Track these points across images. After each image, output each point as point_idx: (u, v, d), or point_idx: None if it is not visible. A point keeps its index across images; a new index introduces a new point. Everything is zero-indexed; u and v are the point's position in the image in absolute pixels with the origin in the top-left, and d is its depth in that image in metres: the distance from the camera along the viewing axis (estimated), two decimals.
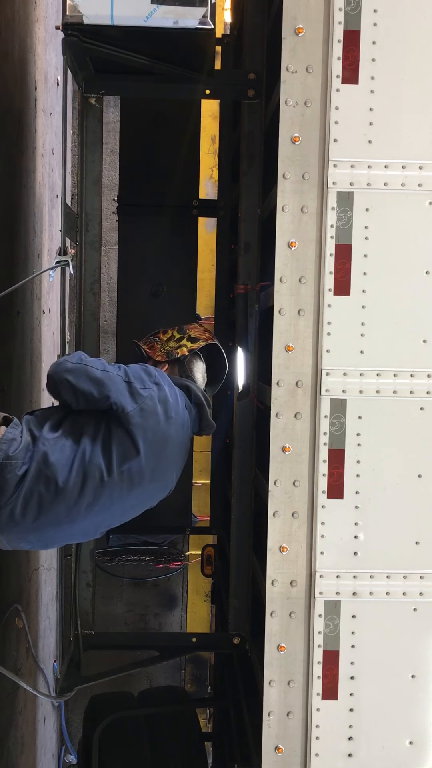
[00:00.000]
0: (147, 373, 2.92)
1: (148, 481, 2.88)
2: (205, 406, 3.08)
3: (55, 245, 5.79)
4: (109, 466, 2.77)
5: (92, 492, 2.76)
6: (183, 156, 4.45)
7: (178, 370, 3.17)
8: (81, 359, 2.90)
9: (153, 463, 2.86)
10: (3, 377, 4.29)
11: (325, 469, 2.97)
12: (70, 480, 2.72)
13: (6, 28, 4.28)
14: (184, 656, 7.25)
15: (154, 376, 2.91)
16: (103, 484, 2.77)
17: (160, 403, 2.86)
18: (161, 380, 2.92)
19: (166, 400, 2.89)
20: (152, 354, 3.19)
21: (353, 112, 2.91)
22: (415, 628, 3.02)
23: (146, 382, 2.87)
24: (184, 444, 3.05)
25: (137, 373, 2.90)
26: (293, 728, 3.03)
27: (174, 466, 3.03)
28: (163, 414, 2.86)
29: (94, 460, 2.75)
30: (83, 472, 2.74)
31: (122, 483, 2.81)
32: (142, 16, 3.05)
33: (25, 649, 5.03)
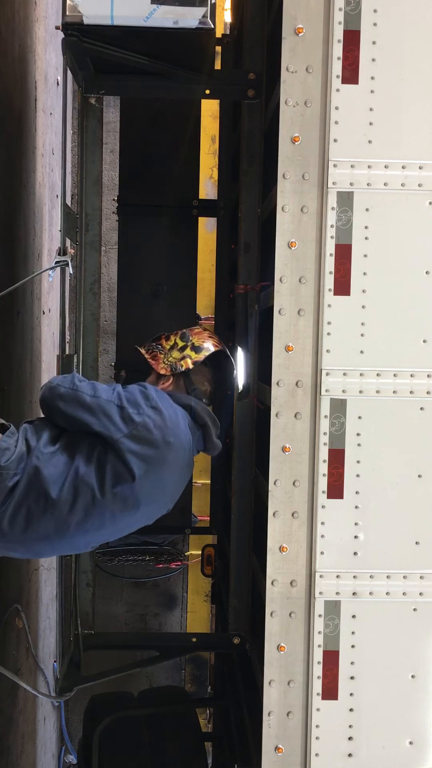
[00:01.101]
0: (144, 397, 2.79)
1: (144, 504, 2.79)
2: (209, 427, 2.95)
3: (55, 245, 5.79)
4: (102, 486, 2.68)
5: (82, 510, 2.67)
6: (183, 156, 4.45)
7: (183, 383, 3.04)
8: (74, 384, 2.79)
9: (149, 487, 2.76)
10: (3, 377, 4.29)
11: (325, 469, 2.97)
12: (61, 496, 2.64)
13: (6, 28, 4.28)
14: (184, 656, 7.25)
15: (152, 400, 2.78)
16: (95, 504, 2.68)
17: (156, 428, 2.74)
18: (159, 403, 2.79)
19: (164, 426, 2.76)
20: (155, 365, 3.06)
21: (353, 112, 2.91)
22: (415, 628, 3.02)
23: (141, 407, 2.75)
24: (186, 466, 2.93)
25: (133, 397, 2.78)
26: (293, 728, 3.03)
27: (173, 489, 2.93)
28: (161, 440, 2.74)
29: (86, 479, 2.66)
30: (74, 489, 2.66)
31: (115, 504, 2.72)
32: (142, 16, 3.05)
33: (25, 649, 5.03)
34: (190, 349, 3.05)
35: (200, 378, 3.06)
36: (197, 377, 3.05)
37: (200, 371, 3.06)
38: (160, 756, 4.12)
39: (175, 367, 3.02)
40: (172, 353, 3.06)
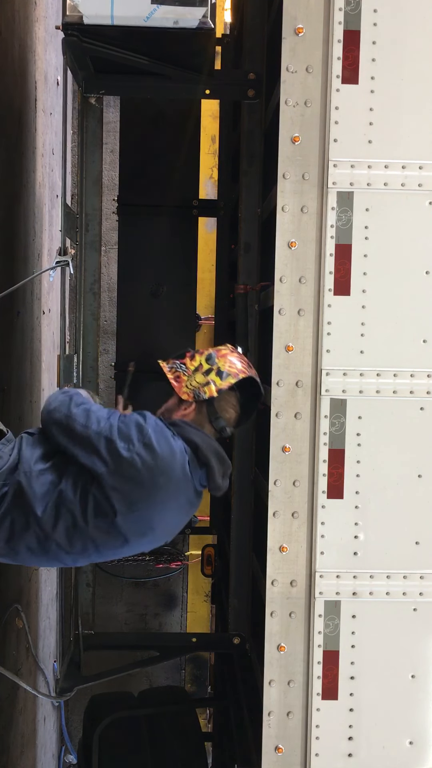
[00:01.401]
0: (139, 431, 2.60)
1: (132, 539, 2.65)
2: (212, 467, 2.70)
3: (55, 245, 5.79)
4: (84, 514, 2.57)
5: (64, 534, 2.58)
6: (183, 156, 4.45)
7: (206, 411, 2.79)
8: (69, 411, 2.65)
9: (133, 524, 2.61)
10: (3, 377, 4.29)
11: (325, 469, 2.97)
12: (45, 515, 2.56)
13: (6, 28, 4.28)
14: (184, 656, 7.25)
15: (146, 435, 2.59)
16: (77, 530, 2.59)
17: (144, 468, 2.56)
18: (154, 439, 2.59)
19: (154, 465, 2.57)
20: (178, 388, 2.82)
21: (353, 112, 2.91)
22: (415, 628, 3.02)
23: (133, 443, 2.57)
24: (184, 505, 2.73)
25: (126, 430, 2.60)
26: (293, 728, 3.03)
27: (165, 527, 2.74)
28: (148, 479, 2.57)
29: (69, 505, 2.57)
30: (57, 511, 2.58)
31: (97, 534, 2.61)
32: (142, 16, 3.05)
33: (25, 649, 5.03)
34: (215, 374, 2.78)
35: (224, 405, 2.80)
36: (221, 404, 2.79)
37: (225, 398, 2.80)
38: (160, 756, 4.12)
39: (199, 394, 2.77)
40: (195, 376, 2.80)
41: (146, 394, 3.37)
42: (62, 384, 3.51)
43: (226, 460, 2.75)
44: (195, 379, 2.80)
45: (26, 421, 4.90)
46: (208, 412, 2.78)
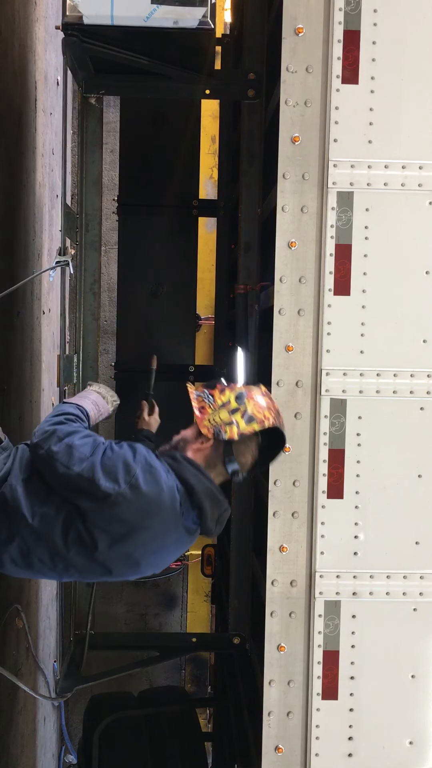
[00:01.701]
0: (126, 470, 2.48)
1: (113, 569, 2.57)
2: (205, 511, 2.57)
3: (55, 245, 5.79)
4: (65, 542, 2.51)
5: (47, 553, 2.53)
6: (183, 156, 4.44)
7: (222, 451, 2.63)
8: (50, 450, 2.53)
9: (116, 559, 2.54)
10: (3, 377, 4.29)
11: (325, 469, 2.97)
12: (27, 531, 2.51)
13: (6, 28, 4.28)
14: (184, 656, 7.25)
15: (133, 475, 2.47)
16: (59, 555, 2.52)
17: (127, 508, 2.46)
18: (141, 480, 2.48)
19: (138, 507, 2.47)
20: (199, 420, 2.66)
21: (353, 112, 2.91)
22: (415, 628, 3.02)
23: (118, 482, 2.46)
24: (171, 546, 2.62)
25: (112, 466, 2.48)
26: (293, 728, 3.03)
27: (152, 563, 2.63)
28: (132, 520, 2.47)
29: (51, 529, 2.50)
30: (38, 532, 2.52)
31: (79, 561, 2.54)
32: (142, 16, 3.05)
33: (25, 649, 5.03)
34: (241, 416, 2.60)
35: (243, 449, 2.64)
36: (240, 448, 2.63)
37: (245, 442, 2.64)
38: (160, 756, 4.12)
39: (219, 432, 2.60)
40: (220, 412, 2.63)
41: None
42: (62, 384, 3.50)
43: (222, 505, 2.61)
44: (219, 415, 2.63)
45: (26, 421, 4.90)
46: (225, 452, 2.62)
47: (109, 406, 3.09)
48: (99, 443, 2.56)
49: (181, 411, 4.40)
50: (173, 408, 4.18)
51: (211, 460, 2.62)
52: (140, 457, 2.53)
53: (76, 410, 2.80)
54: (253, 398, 2.64)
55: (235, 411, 2.61)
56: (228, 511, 2.64)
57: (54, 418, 2.69)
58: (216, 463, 2.62)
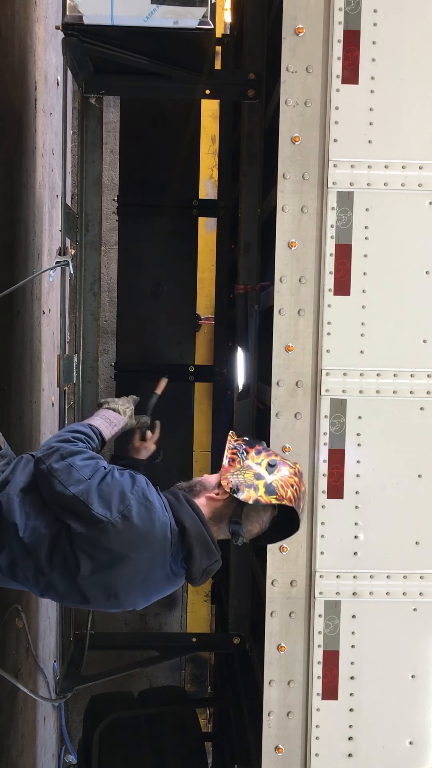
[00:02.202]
0: (121, 499, 2.46)
1: (91, 598, 2.53)
2: (193, 557, 2.52)
3: (55, 245, 5.79)
4: (50, 561, 2.49)
5: (32, 571, 2.51)
6: (183, 156, 4.44)
7: (233, 509, 2.59)
8: (51, 467, 2.50)
9: (96, 588, 2.51)
10: (3, 377, 4.29)
11: (325, 469, 2.97)
12: (16, 543, 2.49)
13: (6, 28, 4.28)
14: (184, 656, 7.25)
15: (127, 506, 2.45)
16: (42, 574, 2.51)
17: (117, 538, 2.43)
18: (134, 512, 2.45)
19: (126, 538, 2.44)
20: (224, 471, 2.63)
21: (353, 112, 2.91)
22: (415, 628, 3.02)
23: (111, 510, 2.43)
24: (153, 584, 2.57)
25: (108, 495, 2.46)
26: (293, 728, 3.03)
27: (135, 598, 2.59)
28: (119, 550, 2.44)
29: (38, 545, 2.48)
30: (26, 546, 2.50)
31: (59, 583, 2.51)
32: (142, 16, 3.05)
33: (25, 649, 5.03)
34: (264, 485, 2.56)
35: (253, 516, 2.59)
36: (250, 513, 2.58)
37: (258, 511, 2.59)
38: (160, 756, 4.12)
39: (237, 490, 2.55)
40: (246, 472, 2.59)
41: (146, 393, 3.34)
42: (62, 384, 3.50)
43: (213, 556, 2.53)
44: (245, 474, 2.58)
45: (26, 421, 4.90)
46: (235, 511, 2.57)
47: (125, 416, 3.04)
48: (100, 467, 2.54)
49: (180, 411, 4.41)
50: (173, 408, 4.19)
51: (219, 515, 2.59)
52: (138, 488, 2.51)
53: (86, 429, 2.76)
54: (282, 472, 2.58)
55: (260, 477, 2.56)
56: (218, 565, 2.57)
57: (61, 435, 2.66)
58: (222, 519, 2.59)
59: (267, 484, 2.54)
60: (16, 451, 2.85)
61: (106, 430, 2.88)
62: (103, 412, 2.99)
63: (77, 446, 2.61)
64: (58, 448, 2.56)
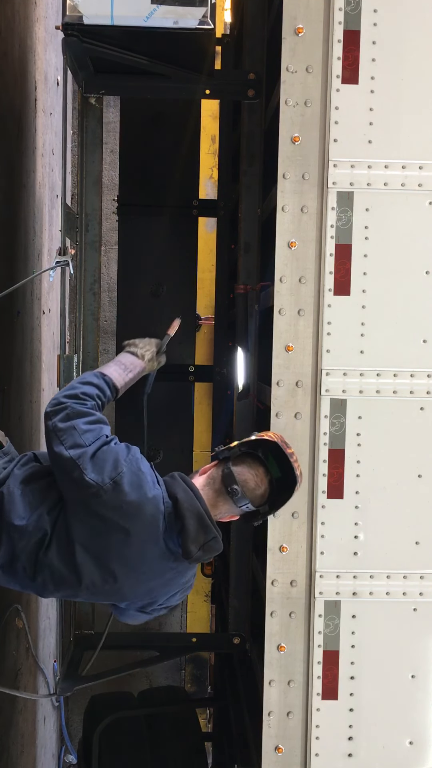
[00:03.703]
0: (114, 466, 2.46)
1: (84, 578, 2.51)
2: (186, 529, 2.45)
3: (55, 245, 5.79)
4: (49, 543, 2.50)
5: (33, 560, 2.51)
6: (183, 156, 4.44)
7: (224, 469, 2.58)
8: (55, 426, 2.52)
9: (91, 566, 2.50)
10: (3, 377, 4.29)
11: (325, 469, 2.97)
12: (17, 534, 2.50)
13: (6, 28, 4.28)
14: (184, 656, 7.25)
15: (119, 473, 2.45)
16: (37, 559, 2.51)
17: (105, 504, 2.43)
18: (125, 480, 2.44)
19: (118, 506, 2.43)
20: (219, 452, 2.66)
21: (353, 112, 2.91)
22: (415, 628, 3.02)
23: (103, 477, 2.43)
24: (152, 562, 2.52)
25: (103, 460, 2.46)
26: (293, 728, 3.03)
27: (135, 579, 2.55)
28: (112, 518, 2.44)
29: (39, 532, 2.50)
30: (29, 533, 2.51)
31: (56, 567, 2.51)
32: (142, 16, 3.05)
33: (25, 649, 5.03)
34: (246, 438, 2.63)
35: (246, 470, 2.58)
36: (243, 468, 2.59)
37: (249, 464, 2.60)
38: (160, 756, 4.12)
39: (222, 448, 2.62)
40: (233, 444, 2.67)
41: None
42: (62, 384, 3.50)
43: (209, 531, 2.47)
44: (235, 444, 2.64)
45: (26, 421, 4.90)
46: (225, 470, 2.57)
47: (142, 360, 3.03)
48: (102, 435, 2.55)
49: (180, 411, 4.41)
50: (173, 408, 4.19)
51: (213, 479, 2.59)
52: (132, 458, 2.52)
53: (98, 380, 2.74)
54: (270, 433, 2.66)
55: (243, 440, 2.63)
56: (217, 542, 2.51)
57: (73, 389, 2.66)
58: (216, 482, 2.58)
59: (248, 437, 2.65)
60: (17, 451, 2.86)
61: (120, 378, 2.87)
62: (121, 357, 3.00)
63: (86, 406, 2.61)
64: (66, 407, 2.57)
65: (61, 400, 2.62)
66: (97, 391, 2.71)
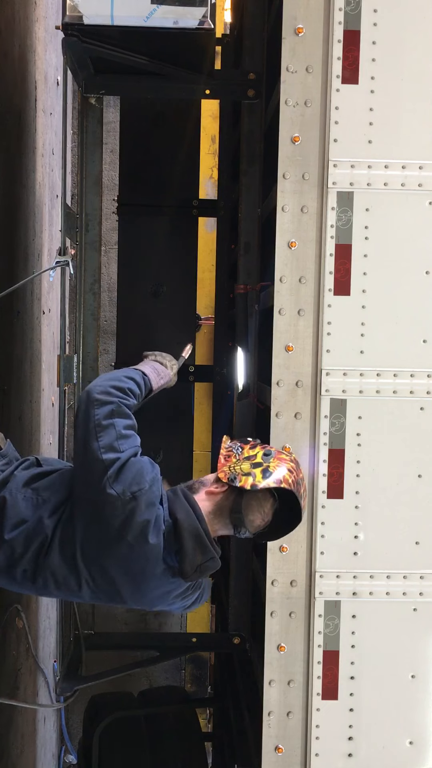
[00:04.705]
0: (137, 480, 2.46)
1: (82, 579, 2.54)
2: (186, 549, 2.46)
3: (55, 245, 5.79)
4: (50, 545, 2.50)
5: (32, 561, 2.52)
6: (183, 156, 4.44)
7: (233, 501, 2.55)
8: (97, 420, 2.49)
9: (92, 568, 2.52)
10: (3, 377, 4.29)
11: (325, 469, 2.97)
12: (15, 539, 2.50)
13: (6, 28, 4.28)
14: (184, 656, 7.25)
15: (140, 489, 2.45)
16: (38, 562, 2.51)
17: (120, 515, 2.44)
18: (143, 497, 2.45)
19: (128, 518, 2.44)
20: (220, 467, 2.62)
21: (353, 112, 2.91)
22: (415, 628, 3.02)
23: (126, 486, 2.44)
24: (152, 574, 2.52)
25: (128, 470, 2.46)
26: (293, 728, 3.03)
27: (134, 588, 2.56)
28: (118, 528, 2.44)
29: (41, 534, 2.50)
30: (27, 539, 2.51)
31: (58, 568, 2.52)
32: (142, 16, 3.05)
33: (25, 649, 5.03)
34: (261, 471, 2.52)
35: (254, 505, 2.54)
36: (250, 503, 2.54)
37: (258, 498, 2.55)
38: (160, 756, 4.12)
39: (234, 479, 2.53)
40: (243, 464, 2.57)
41: None
42: (62, 384, 3.50)
43: (207, 552, 2.48)
44: (241, 465, 2.57)
45: (26, 421, 4.90)
46: (234, 503, 2.54)
47: (170, 370, 3.04)
48: (135, 445, 2.54)
49: (180, 411, 4.41)
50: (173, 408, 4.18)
51: (220, 507, 2.56)
52: (155, 477, 2.52)
53: (140, 379, 2.73)
54: (281, 460, 2.57)
55: (257, 465, 2.54)
56: (214, 562, 2.51)
57: (121, 381, 2.63)
58: (222, 512, 2.56)
59: (264, 470, 2.52)
60: (17, 450, 2.86)
61: (155, 382, 2.88)
62: (152, 364, 2.97)
63: (128, 405, 2.58)
64: (113, 402, 2.54)
65: (110, 390, 2.57)
66: (138, 390, 2.69)
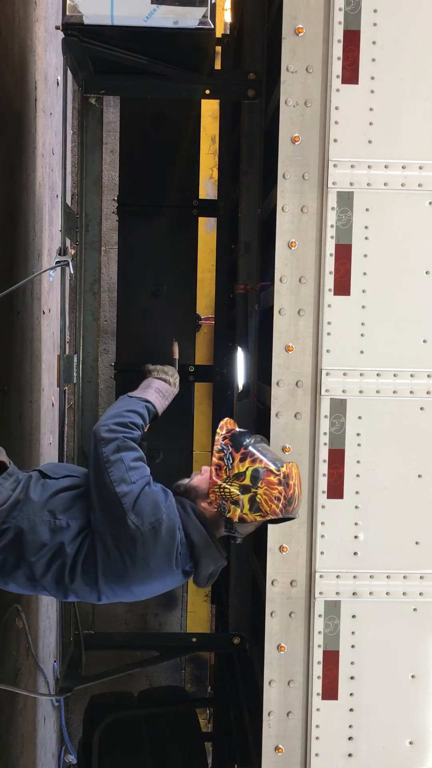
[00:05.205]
0: (154, 511, 2.55)
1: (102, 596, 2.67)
2: (200, 567, 2.65)
3: (55, 245, 5.79)
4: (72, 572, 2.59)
5: (53, 582, 2.61)
6: (183, 156, 4.44)
7: (225, 520, 2.66)
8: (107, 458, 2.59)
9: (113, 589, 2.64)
10: (3, 377, 4.29)
11: (325, 469, 2.97)
12: (38, 563, 2.58)
13: (6, 28, 4.28)
14: (184, 656, 7.25)
15: (158, 520, 2.55)
16: (61, 584, 2.61)
17: (141, 549, 2.54)
18: (164, 527, 2.56)
19: (150, 550, 2.55)
20: (211, 484, 2.65)
21: (353, 112, 2.91)
22: (415, 628, 3.02)
23: (143, 521, 2.54)
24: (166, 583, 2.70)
25: (143, 505, 2.55)
26: (293, 728, 3.03)
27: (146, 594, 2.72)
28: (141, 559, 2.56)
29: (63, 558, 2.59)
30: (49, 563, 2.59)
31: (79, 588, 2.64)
32: (142, 16, 3.05)
33: (25, 649, 5.03)
34: (249, 501, 2.57)
35: (248, 524, 2.66)
36: (243, 524, 2.66)
37: (244, 526, 2.68)
38: (160, 756, 4.12)
39: (224, 508, 2.61)
40: (232, 486, 2.59)
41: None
42: (62, 384, 3.50)
43: (219, 561, 2.69)
44: (231, 489, 2.59)
45: (26, 421, 4.90)
46: (227, 523, 2.67)
47: (174, 388, 3.12)
48: (146, 475, 2.63)
49: (180, 411, 4.41)
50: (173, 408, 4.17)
51: (215, 522, 2.70)
52: (170, 504, 2.62)
53: (143, 411, 2.83)
54: (269, 484, 2.57)
55: (245, 490, 2.58)
56: (224, 564, 2.73)
57: (123, 417, 2.73)
58: (218, 526, 2.70)
59: (251, 498, 2.57)
60: (16, 452, 2.86)
61: (160, 405, 2.97)
62: (156, 384, 3.04)
63: (133, 438, 2.68)
64: (116, 438, 2.63)
65: (113, 427, 2.67)
66: (141, 421, 2.79)
